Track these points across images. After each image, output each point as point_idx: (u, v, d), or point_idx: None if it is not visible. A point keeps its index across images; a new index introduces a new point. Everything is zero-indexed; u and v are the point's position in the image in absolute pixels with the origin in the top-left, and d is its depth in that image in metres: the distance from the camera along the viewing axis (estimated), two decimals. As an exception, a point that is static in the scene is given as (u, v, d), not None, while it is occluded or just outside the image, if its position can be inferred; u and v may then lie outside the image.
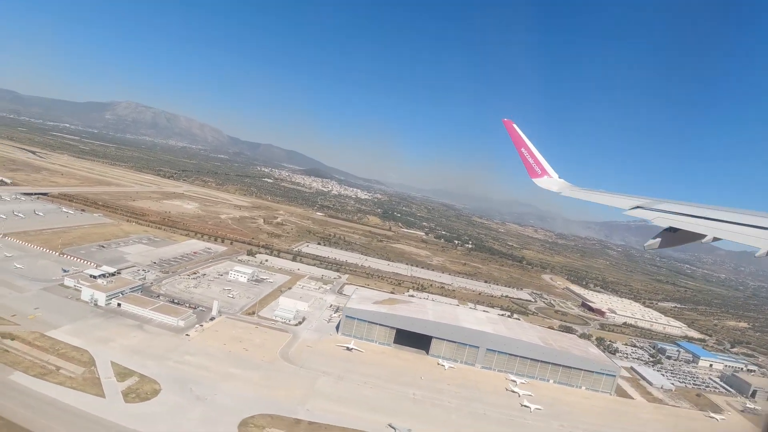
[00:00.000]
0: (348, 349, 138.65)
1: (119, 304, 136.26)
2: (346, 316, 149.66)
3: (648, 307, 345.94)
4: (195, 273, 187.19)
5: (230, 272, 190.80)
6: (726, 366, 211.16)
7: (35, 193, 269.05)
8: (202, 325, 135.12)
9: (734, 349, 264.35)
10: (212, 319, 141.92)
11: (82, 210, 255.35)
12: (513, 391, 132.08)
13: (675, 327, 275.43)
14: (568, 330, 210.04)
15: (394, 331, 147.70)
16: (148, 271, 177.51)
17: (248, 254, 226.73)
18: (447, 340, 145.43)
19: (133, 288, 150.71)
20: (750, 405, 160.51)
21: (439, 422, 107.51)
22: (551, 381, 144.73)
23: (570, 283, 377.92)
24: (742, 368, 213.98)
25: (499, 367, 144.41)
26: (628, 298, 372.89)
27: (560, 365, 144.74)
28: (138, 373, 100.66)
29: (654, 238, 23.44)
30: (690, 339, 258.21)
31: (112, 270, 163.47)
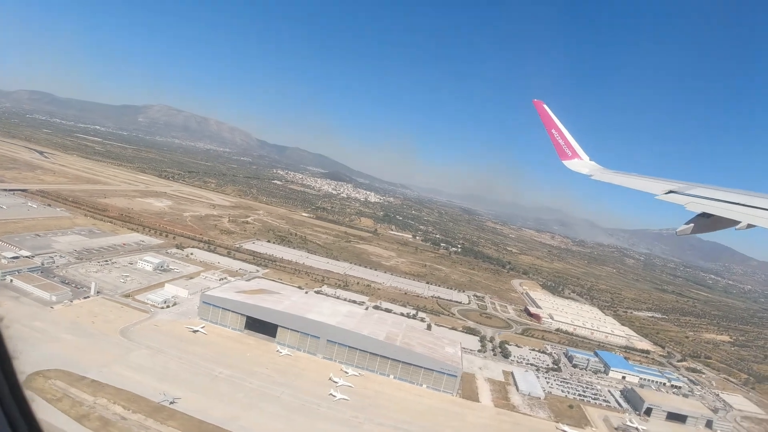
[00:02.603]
0: (194, 331, 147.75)
1: (11, 280, 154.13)
2: (203, 302, 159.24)
3: (618, 316, 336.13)
4: (107, 261, 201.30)
5: (138, 261, 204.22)
6: (642, 379, 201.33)
7: (13, 189, 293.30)
8: (72, 301, 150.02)
9: (682, 363, 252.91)
10: (86, 297, 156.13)
11: (48, 205, 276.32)
12: (334, 381, 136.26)
13: (619, 336, 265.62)
14: (472, 332, 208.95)
15: (245, 318, 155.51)
16: (64, 257, 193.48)
17: (177, 248, 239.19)
18: (291, 329, 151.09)
19: (31, 268, 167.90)
20: (631, 423, 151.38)
21: (218, 397, 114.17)
22: (392, 376, 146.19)
23: (541, 288, 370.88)
24: (664, 383, 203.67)
25: (340, 359, 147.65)
26: (606, 306, 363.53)
27: (400, 361, 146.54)
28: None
29: (687, 223, 23.50)
30: (629, 350, 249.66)
31: (27, 254, 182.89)
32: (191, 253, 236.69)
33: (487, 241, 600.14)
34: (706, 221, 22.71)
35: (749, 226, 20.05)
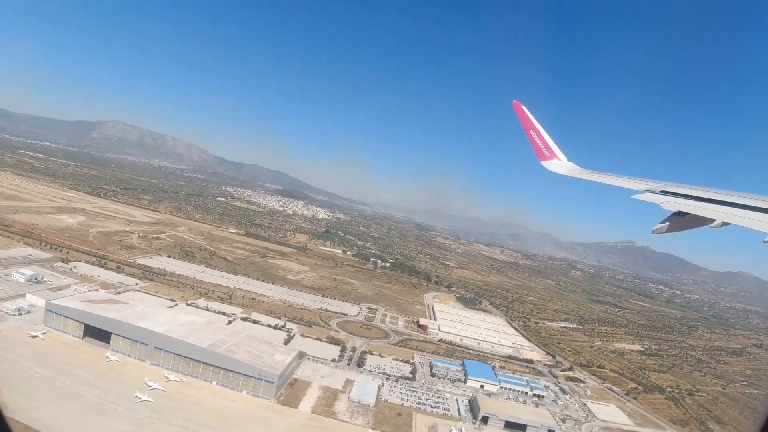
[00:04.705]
0: (33, 336, 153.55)
1: None
2: (47, 309, 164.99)
3: (528, 327, 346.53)
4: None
5: (13, 273, 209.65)
6: (501, 388, 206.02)
7: None
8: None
9: (567, 372, 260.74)
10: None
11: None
12: (148, 385, 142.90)
13: (506, 346, 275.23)
14: (336, 342, 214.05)
15: (83, 325, 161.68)
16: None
17: (62, 261, 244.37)
18: (123, 337, 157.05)
19: None
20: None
21: (23, 393, 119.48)
22: (214, 382, 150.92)
23: (455, 301, 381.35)
24: (526, 392, 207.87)
25: (167, 365, 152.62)
26: (521, 317, 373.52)
27: (221, 368, 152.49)
28: None
29: (662, 222, 23.66)
30: (511, 359, 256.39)
31: None
32: (74, 267, 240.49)
33: (427, 255, 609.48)
34: (680, 220, 23.20)
35: (724, 224, 20.41)
